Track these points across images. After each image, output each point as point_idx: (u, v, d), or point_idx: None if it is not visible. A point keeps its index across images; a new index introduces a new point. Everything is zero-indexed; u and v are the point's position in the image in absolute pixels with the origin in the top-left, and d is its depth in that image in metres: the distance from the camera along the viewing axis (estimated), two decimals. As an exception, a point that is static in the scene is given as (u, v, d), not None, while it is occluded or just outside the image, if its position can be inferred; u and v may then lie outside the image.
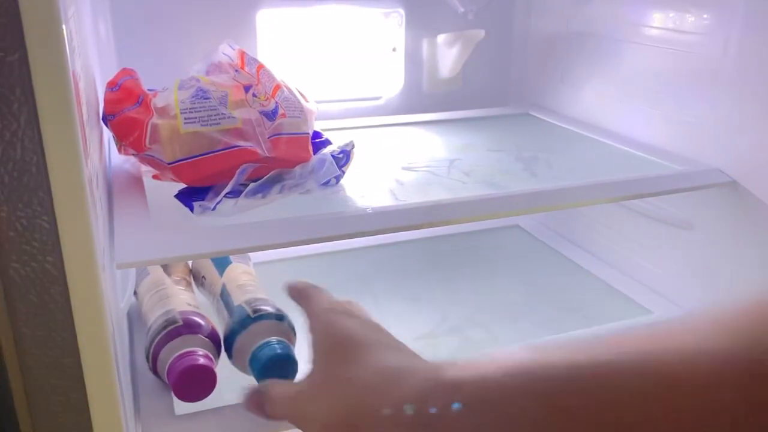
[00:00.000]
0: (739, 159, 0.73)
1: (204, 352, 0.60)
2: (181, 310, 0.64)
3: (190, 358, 0.59)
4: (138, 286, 0.73)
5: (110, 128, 0.63)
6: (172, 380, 0.58)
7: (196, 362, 0.58)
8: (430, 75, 1.02)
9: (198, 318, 0.63)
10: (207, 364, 0.59)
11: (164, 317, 0.63)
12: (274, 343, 0.61)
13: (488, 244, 1.01)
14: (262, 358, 0.60)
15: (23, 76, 0.37)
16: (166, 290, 0.69)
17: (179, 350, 0.60)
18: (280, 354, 0.60)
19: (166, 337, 0.61)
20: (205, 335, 0.62)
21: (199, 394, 0.59)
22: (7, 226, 0.40)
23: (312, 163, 0.64)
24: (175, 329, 0.61)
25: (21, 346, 0.43)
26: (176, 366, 0.58)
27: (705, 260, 0.78)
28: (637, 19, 0.85)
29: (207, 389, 0.59)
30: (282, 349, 0.61)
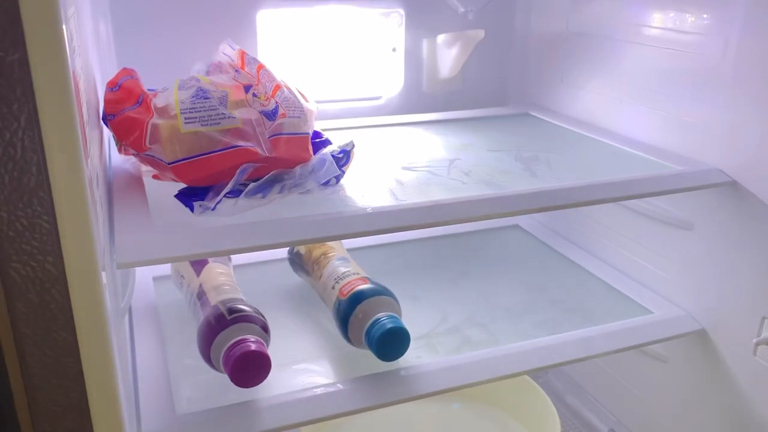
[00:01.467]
0: (739, 159, 0.73)
1: (257, 339, 0.62)
2: (244, 299, 0.68)
3: (256, 344, 0.61)
4: (212, 261, 0.75)
5: (110, 128, 0.63)
6: (234, 363, 0.60)
7: (254, 349, 0.61)
8: (430, 75, 1.02)
9: (255, 311, 0.66)
10: (265, 352, 0.61)
11: (233, 303, 0.65)
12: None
13: (488, 244, 1.01)
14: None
15: (23, 76, 0.37)
16: (233, 282, 0.73)
17: (242, 335, 0.62)
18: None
19: (238, 319, 0.63)
20: (260, 325, 0.65)
21: (255, 379, 0.61)
22: (7, 226, 0.40)
23: (312, 163, 0.64)
24: (244, 316, 0.64)
25: (21, 346, 0.43)
26: (240, 349, 0.60)
27: (705, 260, 0.78)
28: (637, 19, 0.85)
29: (263, 376, 0.61)
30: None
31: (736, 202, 0.73)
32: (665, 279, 0.84)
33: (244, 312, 0.64)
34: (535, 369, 0.72)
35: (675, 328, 0.79)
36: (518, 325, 0.79)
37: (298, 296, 0.83)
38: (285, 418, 0.61)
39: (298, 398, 0.63)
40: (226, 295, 0.68)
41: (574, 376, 1.07)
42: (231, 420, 0.61)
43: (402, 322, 0.66)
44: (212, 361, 0.63)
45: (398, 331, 0.65)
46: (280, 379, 0.64)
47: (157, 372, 0.66)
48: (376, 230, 0.61)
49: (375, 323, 0.66)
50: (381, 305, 0.68)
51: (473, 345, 0.74)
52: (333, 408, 0.63)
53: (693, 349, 0.81)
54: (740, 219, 0.73)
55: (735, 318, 0.75)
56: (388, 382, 0.66)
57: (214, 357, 0.62)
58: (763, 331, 0.72)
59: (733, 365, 0.76)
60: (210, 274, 0.73)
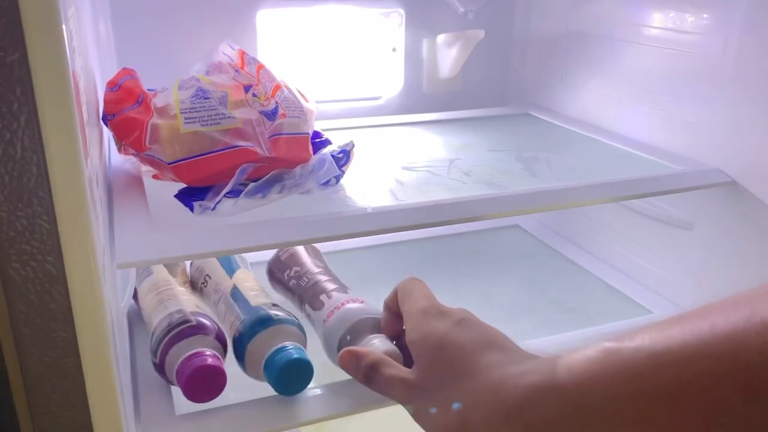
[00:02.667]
0: (739, 159, 0.73)
1: (213, 353, 0.59)
2: (192, 310, 0.63)
3: (201, 358, 0.58)
4: (140, 284, 0.73)
5: (110, 128, 0.63)
6: (183, 381, 0.57)
7: (208, 363, 0.58)
8: (430, 75, 1.02)
9: (206, 319, 0.63)
10: (218, 365, 0.58)
11: (174, 316, 0.62)
12: (290, 348, 0.60)
13: (488, 244, 1.01)
14: (279, 363, 0.59)
15: (23, 76, 0.37)
16: (173, 290, 0.68)
17: (189, 350, 0.59)
18: (298, 359, 0.59)
19: (176, 337, 0.60)
20: (213, 336, 0.61)
21: (209, 394, 0.58)
22: (7, 226, 0.40)
23: (312, 163, 0.64)
24: (187, 329, 0.60)
25: (21, 346, 0.43)
26: (187, 366, 0.57)
27: (705, 260, 0.78)
28: (637, 19, 0.85)
29: (217, 390, 0.58)
30: (299, 354, 0.60)
31: (736, 202, 0.73)
32: (665, 279, 0.84)
33: (189, 324, 0.61)
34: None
35: (675, 328, 0.79)
36: (518, 325, 0.79)
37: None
38: (285, 418, 0.61)
39: (298, 398, 0.63)
40: (155, 321, 0.64)
41: (574, 376, 1.06)
42: (231, 420, 0.61)
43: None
44: (168, 378, 0.61)
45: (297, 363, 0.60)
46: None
47: (157, 372, 0.66)
48: (376, 230, 0.61)
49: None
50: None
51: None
52: (333, 408, 0.63)
53: (693, 349, 0.81)
54: (740, 219, 0.73)
55: (735, 318, 0.75)
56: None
57: (168, 374, 0.61)
58: (763, 331, 0.72)
59: (733, 365, 0.76)
60: (143, 303, 0.70)
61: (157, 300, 0.67)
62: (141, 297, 0.71)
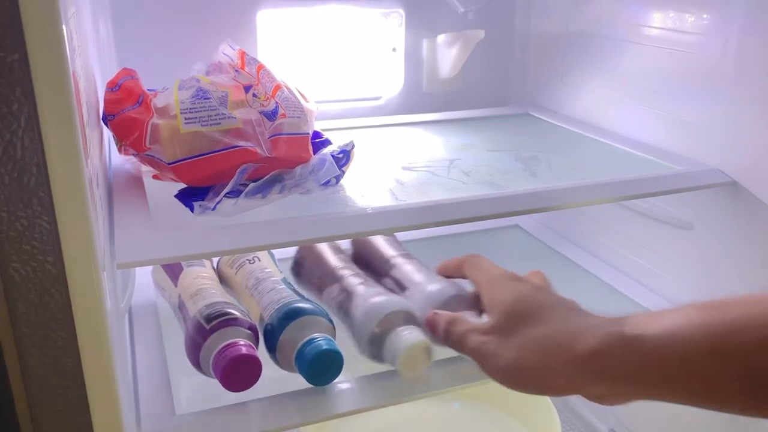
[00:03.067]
0: (739, 159, 0.73)
1: (247, 343, 0.61)
2: (227, 301, 0.66)
3: (237, 348, 0.60)
4: (187, 267, 0.74)
5: (110, 128, 0.63)
6: (221, 370, 0.59)
7: (247, 353, 0.59)
8: (430, 75, 1.02)
9: (239, 311, 0.64)
10: (254, 353, 0.60)
11: (214, 308, 0.64)
12: (320, 339, 0.62)
13: (488, 244, 1.00)
14: (310, 354, 0.60)
15: (23, 76, 0.37)
16: (214, 283, 0.71)
17: (225, 341, 0.60)
18: (329, 350, 0.61)
19: (213, 328, 0.62)
20: (247, 327, 0.63)
21: (246, 383, 0.60)
22: (7, 226, 0.40)
23: (312, 163, 0.64)
24: (227, 320, 0.62)
25: (21, 346, 0.43)
26: (228, 354, 0.59)
27: (705, 260, 0.78)
28: (637, 19, 0.85)
29: (253, 379, 0.60)
30: (329, 345, 0.61)
31: (736, 202, 0.73)
32: (665, 279, 0.84)
33: (224, 317, 0.63)
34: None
35: (675, 328, 0.79)
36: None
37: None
38: (285, 418, 0.61)
39: (298, 398, 0.63)
40: (204, 302, 0.66)
41: (574, 376, 1.06)
42: (231, 420, 0.61)
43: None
44: (204, 371, 0.63)
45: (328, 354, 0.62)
46: (281, 379, 0.64)
47: (157, 372, 0.66)
48: (376, 230, 0.61)
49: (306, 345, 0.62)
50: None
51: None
52: (333, 408, 0.63)
53: (693, 349, 0.81)
54: (740, 219, 0.73)
55: (735, 318, 0.75)
56: (388, 382, 0.66)
57: (204, 368, 0.62)
58: (763, 331, 0.72)
59: (733, 365, 0.76)
60: (186, 281, 0.71)
61: (203, 286, 0.69)
62: (185, 277, 0.72)
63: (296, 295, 0.68)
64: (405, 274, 0.71)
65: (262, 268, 0.73)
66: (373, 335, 0.64)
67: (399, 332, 0.63)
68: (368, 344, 0.64)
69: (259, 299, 0.68)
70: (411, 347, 0.62)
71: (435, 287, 0.67)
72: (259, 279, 0.71)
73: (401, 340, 0.62)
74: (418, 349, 0.62)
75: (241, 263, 0.75)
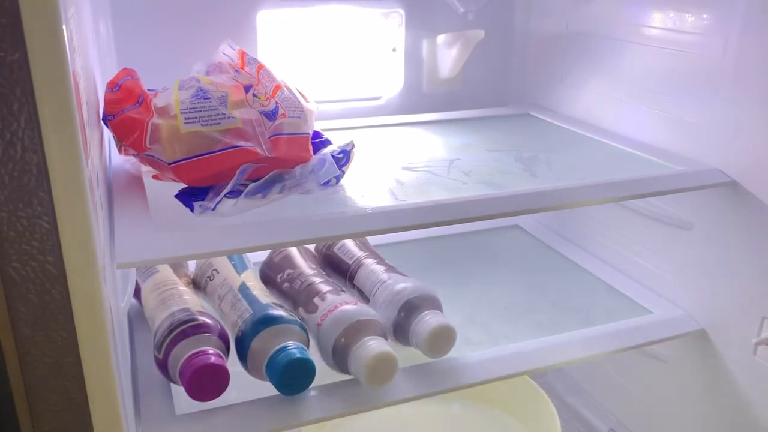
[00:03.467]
0: (739, 159, 0.73)
1: (216, 351, 0.60)
2: (197, 309, 0.64)
3: (204, 356, 0.58)
4: (143, 282, 0.72)
5: (110, 128, 0.63)
6: (186, 379, 0.58)
7: (211, 361, 0.58)
8: (430, 75, 1.02)
9: (210, 319, 0.63)
10: (222, 363, 0.59)
11: (177, 315, 0.63)
12: (293, 347, 0.60)
13: (488, 244, 1.01)
14: (281, 362, 0.59)
15: (23, 76, 0.37)
16: (177, 289, 0.69)
17: (193, 349, 0.59)
18: (301, 358, 0.60)
19: (180, 335, 0.60)
20: (217, 335, 0.62)
21: (212, 393, 0.59)
22: (7, 226, 0.40)
23: (312, 163, 0.64)
24: (190, 328, 0.61)
25: (21, 346, 0.43)
26: (190, 365, 0.58)
27: (705, 260, 0.78)
28: (637, 19, 0.85)
29: (220, 389, 0.59)
30: (302, 354, 0.60)
31: (736, 203, 0.73)
32: (665, 279, 0.84)
33: (186, 325, 0.61)
34: (535, 369, 0.72)
35: (675, 328, 0.79)
36: (518, 325, 0.79)
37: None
38: (285, 418, 0.61)
39: (299, 398, 0.63)
40: (158, 320, 0.64)
41: (574, 376, 1.07)
42: (231, 420, 0.61)
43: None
44: (172, 379, 0.62)
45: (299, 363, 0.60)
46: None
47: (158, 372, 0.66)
48: (376, 230, 0.61)
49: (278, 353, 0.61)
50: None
51: (473, 345, 0.74)
52: (333, 408, 0.63)
53: (693, 349, 0.81)
54: (740, 219, 0.73)
55: (735, 318, 0.75)
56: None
57: (172, 375, 0.61)
58: (763, 331, 0.72)
59: (733, 365, 0.76)
60: (146, 300, 0.70)
61: (160, 298, 0.67)
62: (144, 295, 0.71)
63: (255, 303, 0.66)
64: (370, 275, 0.73)
65: (222, 283, 0.71)
66: (336, 343, 0.64)
67: (365, 342, 0.62)
68: (332, 353, 0.64)
69: (230, 315, 0.67)
70: (376, 357, 0.61)
71: (401, 286, 0.69)
72: (221, 296, 0.70)
73: (366, 351, 0.61)
74: (383, 359, 0.61)
75: (204, 284, 0.74)
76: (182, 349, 0.60)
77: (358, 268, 0.75)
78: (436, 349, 0.66)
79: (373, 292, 0.71)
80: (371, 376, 0.61)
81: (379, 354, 0.61)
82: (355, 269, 0.76)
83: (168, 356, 0.60)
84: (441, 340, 0.65)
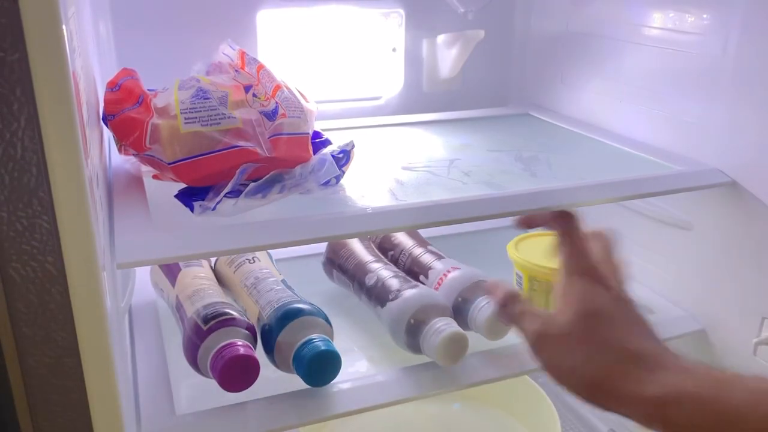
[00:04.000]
0: (739, 159, 0.73)
1: (245, 343, 0.61)
2: (225, 301, 0.67)
3: (235, 348, 0.60)
4: (185, 267, 0.74)
5: (110, 128, 0.63)
6: (218, 370, 0.59)
7: (245, 353, 0.60)
8: (430, 75, 1.02)
9: (237, 312, 0.65)
10: (252, 354, 0.61)
11: (212, 308, 0.64)
12: (318, 340, 0.62)
13: (488, 244, 1.00)
14: (308, 354, 0.61)
15: (23, 76, 0.37)
16: (212, 283, 0.71)
17: (223, 341, 0.61)
18: (327, 350, 0.61)
19: (211, 329, 0.62)
20: (245, 328, 0.64)
21: (243, 384, 0.60)
22: (7, 226, 0.40)
23: (312, 163, 0.64)
24: (224, 320, 0.63)
25: (21, 346, 0.43)
26: (226, 354, 0.59)
27: (705, 260, 0.78)
28: (637, 19, 0.85)
29: (251, 379, 0.61)
30: (327, 346, 0.62)
31: (736, 202, 0.73)
32: (665, 279, 0.84)
33: (222, 317, 0.63)
34: (535, 369, 0.71)
35: (675, 328, 0.79)
36: (518, 325, 0.79)
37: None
38: (285, 418, 0.61)
39: (298, 399, 0.63)
40: (201, 302, 0.66)
41: (574, 376, 1.06)
42: (231, 420, 0.61)
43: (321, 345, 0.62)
44: (202, 372, 0.63)
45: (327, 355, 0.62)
46: (280, 379, 0.64)
47: (157, 372, 0.66)
48: (376, 230, 0.61)
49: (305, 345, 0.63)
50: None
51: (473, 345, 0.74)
52: (333, 408, 0.63)
53: (693, 349, 0.81)
54: (740, 219, 0.73)
55: (735, 318, 0.75)
56: (388, 382, 0.67)
57: (202, 368, 0.62)
58: (763, 331, 0.72)
59: (733, 365, 0.76)
60: (184, 281, 0.71)
61: (200, 287, 0.70)
62: (182, 277, 0.73)
63: (295, 296, 0.68)
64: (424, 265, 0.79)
65: (261, 267, 0.73)
66: (408, 326, 0.68)
67: (434, 324, 0.67)
68: (405, 335, 0.68)
69: (258, 299, 0.68)
70: (449, 338, 0.65)
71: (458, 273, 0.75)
72: (258, 278, 0.71)
73: (439, 332, 0.66)
74: (455, 340, 0.66)
75: (240, 263, 0.75)
76: (216, 339, 0.61)
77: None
78: (495, 334, 0.71)
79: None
80: (444, 356, 0.66)
81: (449, 335, 0.66)
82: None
83: (198, 349, 0.62)
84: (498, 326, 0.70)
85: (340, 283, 0.82)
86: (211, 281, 0.72)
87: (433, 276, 0.77)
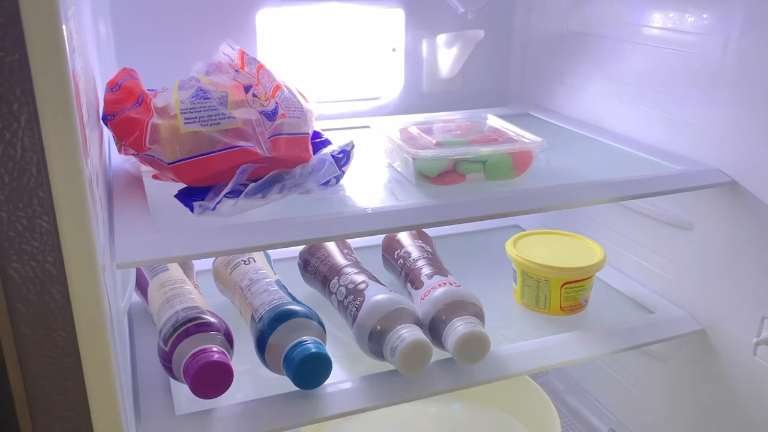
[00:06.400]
0: (739, 159, 0.73)
1: (220, 349, 0.61)
2: (206, 308, 0.66)
3: (208, 354, 0.59)
4: (151, 279, 0.73)
5: (110, 128, 0.63)
6: (191, 377, 0.59)
7: (216, 359, 0.59)
8: (430, 75, 1.02)
9: (215, 317, 0.64)
10: (226, 361, 0.60)
11: (185, 313, 0.63)
12: (309, 342, 0.62)
13: (488, 244, 1.00)
14: (297, 357, 0.61)
15: (23, 76, 0.37)
16: (184, 287, 0.70)
17: (197, 347, 0.60)
18: (317, 353, 0.61)
19: (185, 333, 0.61)
20: (222, 334, 0.63)
21: (216, 391, 0.60)
22: (7, 226, 0.40)
23: (312, 163, 0.64)
24: (196, 325, 0.62)
25: (21, 346, 0.43)
26: (194, 363, 0.59)
27: (705, 260, 0.78)
28: (637, 19, 0.85)
29: (224, 386, 0.60)
30: (318, 348, 0.61)
31: (736, 202, 0.73)
32: (665, 279, 0.84)
33: (181, 329, 0.62)
34: (535, 369, 0.72)
35: (675, 328, 0.79)
36: (518, 325, 0.79)
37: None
38: (284, 418, 0.61)
39: (298, 399, 0.63)
40: (164, 316, 0.65)
41: (574, 376, 1.07)
42: (231, 420, 0.61)
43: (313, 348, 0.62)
44: (176, 377, 0.62)
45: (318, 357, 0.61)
46: (280, 379, 0.64)
47: (157, 372, 0.66)
48: (376, 230, 0.61)
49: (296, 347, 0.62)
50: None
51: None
52: (333, 408, 0.63)
53: (693, 349, 0.81)
54: (740, 219, 0.73)
55: (735, 318, 0.75)
56: (388, 382, 0.66)
57: (176, 372, 0.62)
58: (763, 331, 0.72)
59: (733, 365, 0.76)
60: (152, 296, 0.71)
61: (167, 296, 0.68)
62: (151, 292, 0.72)
63: (289, 297, 0.68)
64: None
65: (257, 269, 0.73)
66: (372, 333, 0.66)
67: (397, 330, 0.64)
68: (368, 340, 0.66)
69: (252, 300, 0.68)
70: (411, 345, 0.63)
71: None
72: (253, 280, 0.71)
73: (402, 338, 0.63)
74: (418, 347, 0.63)
75: (235, 264, 0.75)
76: (187, 346, 0.61)
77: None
78: (466, 358, 0.67)
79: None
80: (405, 363, 0.64)
81: (413, 341, 0.63)
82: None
83: (172, 355, 0.61)
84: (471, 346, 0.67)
85: (312, 286, 0.81)
86: (174, 285, 0.70)
87: (423, 290, 0.74)
